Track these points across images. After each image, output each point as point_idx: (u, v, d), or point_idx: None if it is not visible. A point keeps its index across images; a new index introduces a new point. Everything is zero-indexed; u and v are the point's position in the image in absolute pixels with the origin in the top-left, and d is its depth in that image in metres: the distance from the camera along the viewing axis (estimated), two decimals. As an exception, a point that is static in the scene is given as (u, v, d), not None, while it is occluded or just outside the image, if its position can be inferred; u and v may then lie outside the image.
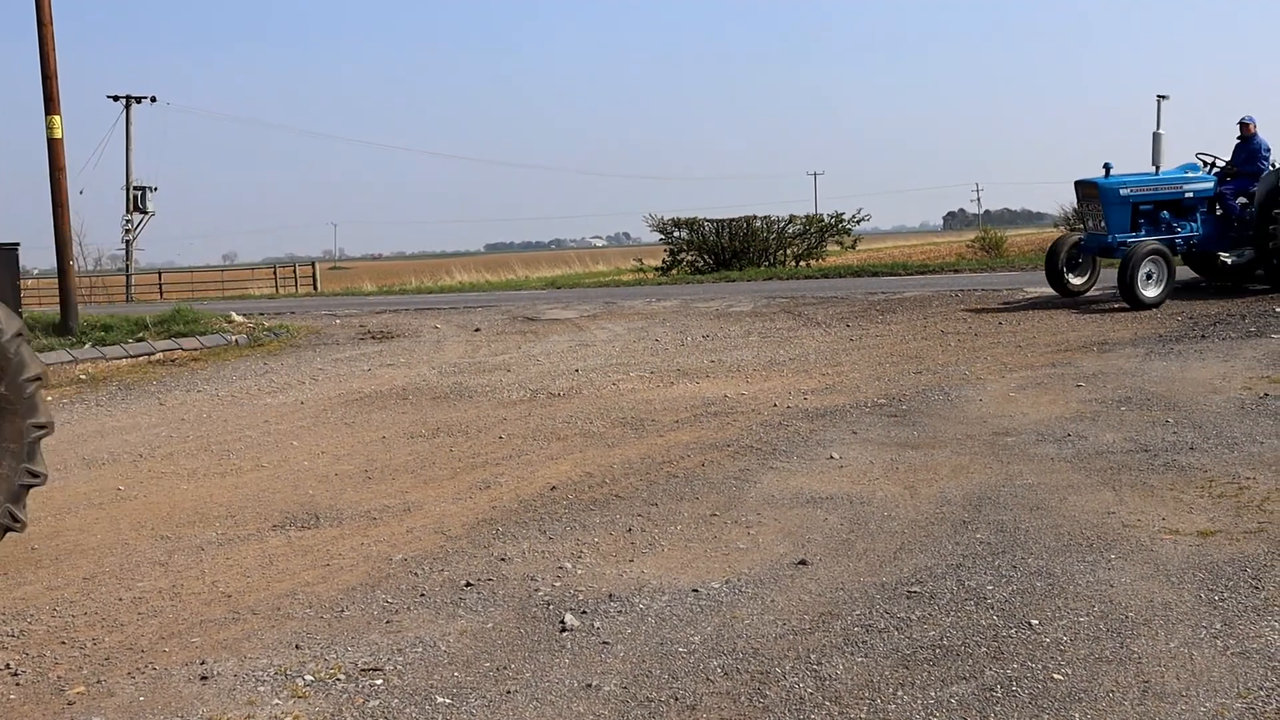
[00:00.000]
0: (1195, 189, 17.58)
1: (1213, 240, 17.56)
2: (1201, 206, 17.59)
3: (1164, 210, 17.43)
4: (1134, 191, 17.34)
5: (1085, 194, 17.95)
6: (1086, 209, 18.31)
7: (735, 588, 5.67)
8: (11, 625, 5.60)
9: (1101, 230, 17.52)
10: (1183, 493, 6.98)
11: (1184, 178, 17.63)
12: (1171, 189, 17.53)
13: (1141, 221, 17.37)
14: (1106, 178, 17.47)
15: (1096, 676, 4.43)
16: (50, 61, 18.30)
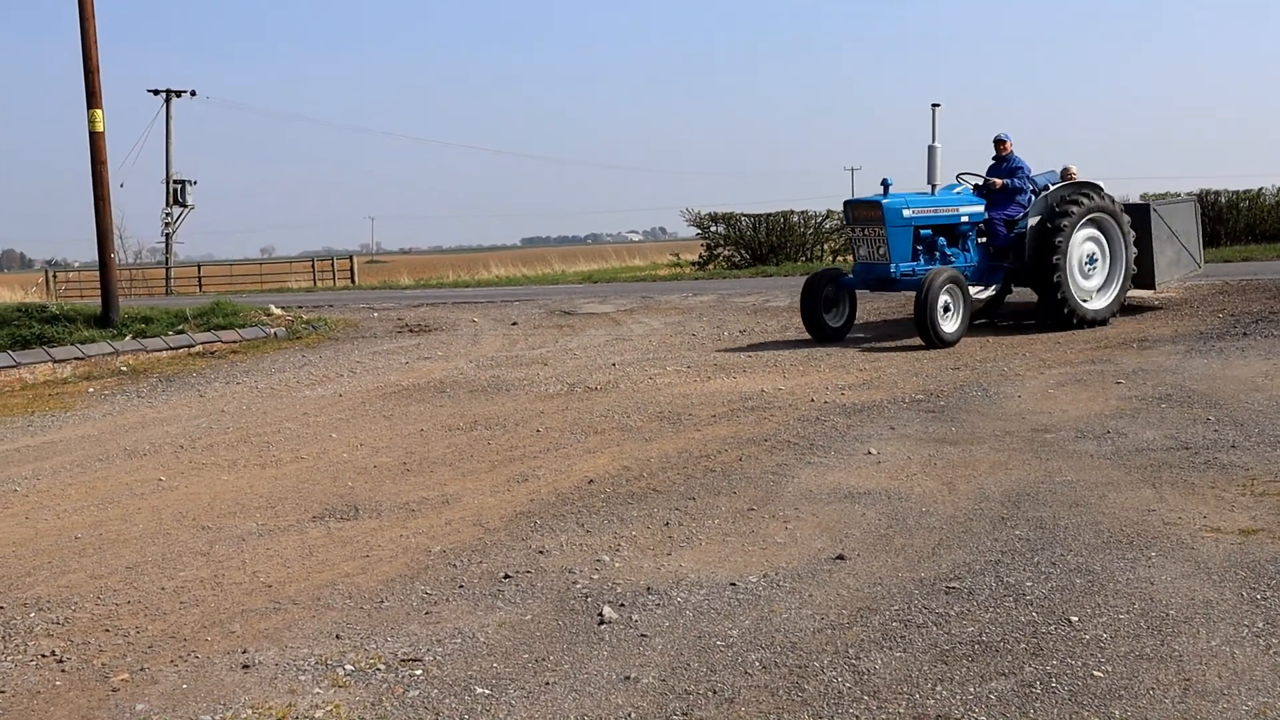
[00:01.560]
0: (970, 213, 15.60)
1: (983, 272, 15.73)
2: (972, 233, 15.73)
3: (941, 236, 15.40)
4: (916, 214, 15.10)
5: (860, 216, 15.28)
6: (860, 234, 15.30)
7: (773, 582, 5.67)
8: (56, 613, 5.67)
9: (880, 259, 15.04)
10: (1224, 491, 6.93)
11: (959, 199, 15.64)
12: (949, 212, 15.47)
13: (919, 249, 15.24)
14: (888, 197, 15.05)
15: (1137, 674, 4.41)
16: (92, 56, 18.44)
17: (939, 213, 15.34)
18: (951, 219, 15.45)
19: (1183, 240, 16.85)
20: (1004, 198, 15.83)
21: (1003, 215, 15.74)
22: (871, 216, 15.07)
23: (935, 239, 15.32)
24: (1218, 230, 30.34)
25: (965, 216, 15.53)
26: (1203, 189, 31.33)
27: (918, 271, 14.92)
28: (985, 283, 15.93)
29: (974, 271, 15.56)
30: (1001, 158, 15.93)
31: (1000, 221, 15.71)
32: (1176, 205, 17.74)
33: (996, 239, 15.75)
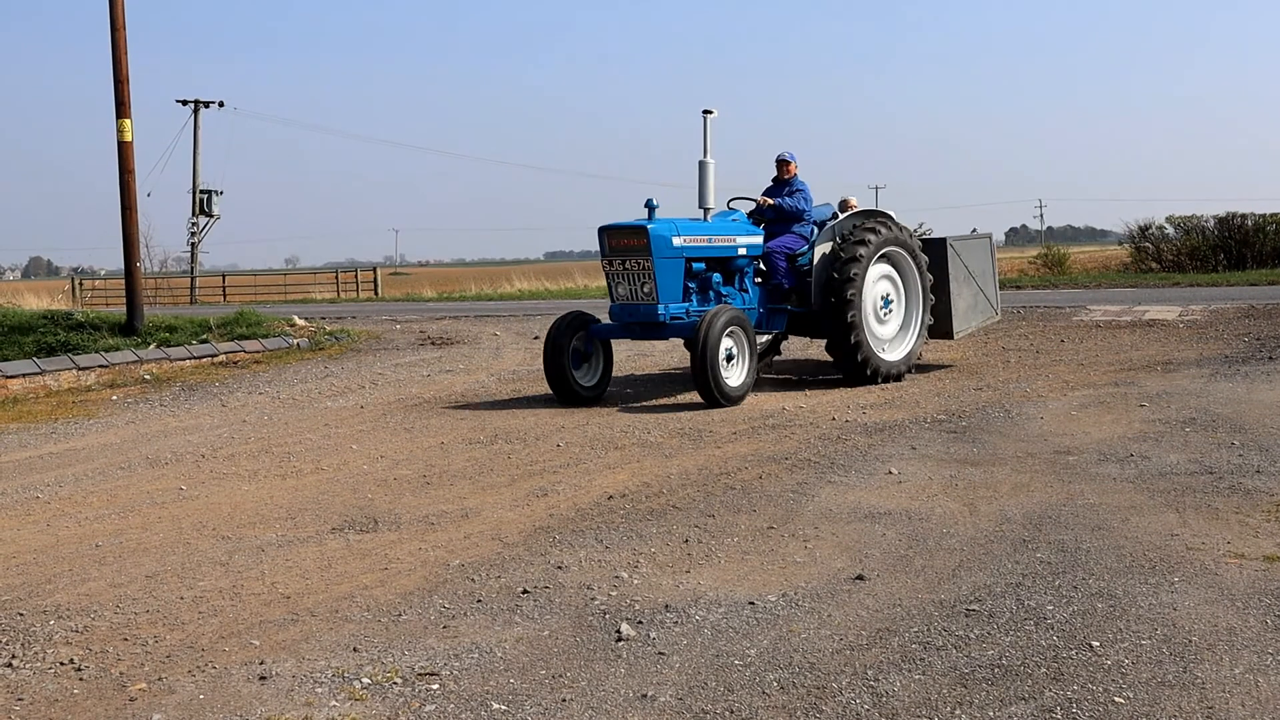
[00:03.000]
0: (749, 245, 13.12)
1: (763, 316, 13.41)
2: (750, 269, 13.34)
3: (716, 272, 12.85)
4: (689, 243, 12.43)
5: (620, 246, 12.35)
6: (619, 268, 12.39)
7: (792, 601, 5.65)
8: (75, 621, 5.68)
9: (646, 298, 12.25)
10: (1248, 516, 6.87)
11: (737, 228, 13.14)
12: (725, 242, 12.87)
13: (691, 287, 12.63)
14: (654, 221, 12.30)
15: (1159, 701, 4.37)
16: (123, 66, 18.57)
17: (714, 243, 12.74)
18: (728, 251, 12.89)
19: (980, 283, 14.98)
20: (782, 226, 13.45)
21: (783, 248, 13.34)
22: (634, 246, 12.21)
23: (710, 275, 12.75)
24: (1244, 253, 30.22)
25: (743, 249, 13.03)
26: (1229, 211, 31.20)
27: (691, 313, 12.36)
28: (766, 329, 13.62)
29: (753, 315, 13.10)
30: (783, 180, 13.57)
31: (781, 255, 13.33)
32: (972, 242, 15.37)
33: (777, 275, 13.34)
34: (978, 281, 14.89)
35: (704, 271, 12.71)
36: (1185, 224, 33.03)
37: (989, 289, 15.18)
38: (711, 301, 12.71)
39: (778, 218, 13.41)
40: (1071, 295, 22.52)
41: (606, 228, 12.52)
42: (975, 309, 14.88)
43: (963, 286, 14.54)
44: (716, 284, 12.85)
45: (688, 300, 12.60)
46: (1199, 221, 32.38)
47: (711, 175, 12.98)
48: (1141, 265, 33.98)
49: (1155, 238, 34.37)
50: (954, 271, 14.33)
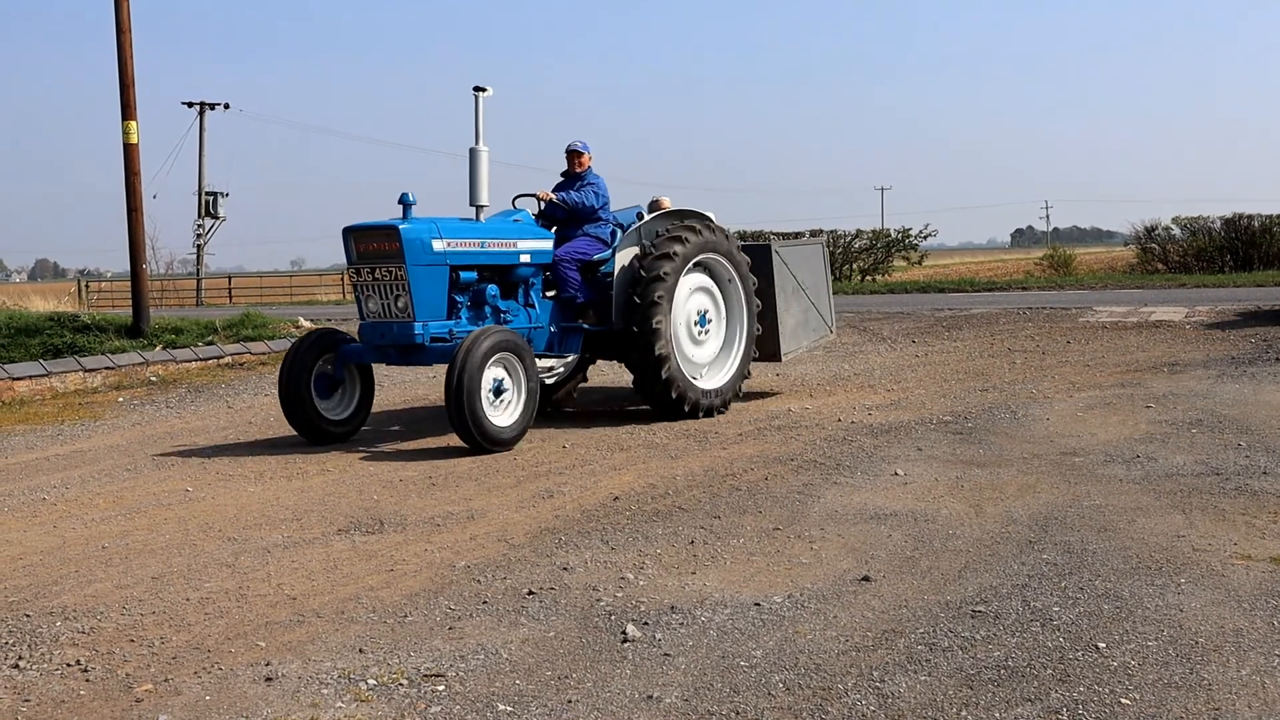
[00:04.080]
0: (534, 250, 11.14)
1: (555, 337, 11.44)
2: (538, 281, 11.37)
3: (492, 284, 10.84)
4: (454, 248, 10.44)
5: (368, 251, 10.42)
6: (369, 278, 10.39)
7: (798, 602, 5.64)
8: (82, 622, 5.68)
9: (401, 314, 10.31)
10: (1255, 518, 6.86)
11: (519, 230, 11.16)
12: (504, 247, 10.90)
13: (462, 301, 10.69)
14: (410, 221, 10.37)
15: (1165, 702, 4.36)
16: (128, 69, 18.58)
17: (489, 248, 10.77)
18: (507, 257, 10.94)
19: (811, 296, 13.22)
20: (574, 228, 11.57)
21: (574, 254, 11.39)
22: (385, 250, 10.30)
23: (484, 287, 10.77)
24: (1250, 254, 30.17)
25: (527, 255, 11.06)
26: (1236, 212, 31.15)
27: (457, 334, 10.42)
28: (559, 352, 11.50)
29: (542, 335, 11.27)
30: (574, 175, 11.77)
31: (572, 264, 11.34)
32: (803, 249, 13.57)
33: (568, 287, 11.35)
34: (809, 294, 13.15)
35: (476, 283, 10.72)
36: (1192, 225, 32.99)
37: (822, 303, 13.47)
38: (487, 319, 10.79)
39: (568, 218, 11.55)
40: (1077, 296, 22.49)
41: (352, 229, 10.52)
42: (806, 326, 13.14)
43: (791, 300, 12.77)
44: (493, 298, 10.83)
45: (454, 318, 10.60)
46: (1205, 222, 32.33)
47: (485, 165, 10.87)
48: (1148, 266, 33.94)
49: (1161, 239, 34.32)
50: (781, 283, 12.53)
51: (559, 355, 11.53)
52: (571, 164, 11.78)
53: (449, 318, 10.56)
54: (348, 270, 10.84)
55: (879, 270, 35.75)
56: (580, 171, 11.72)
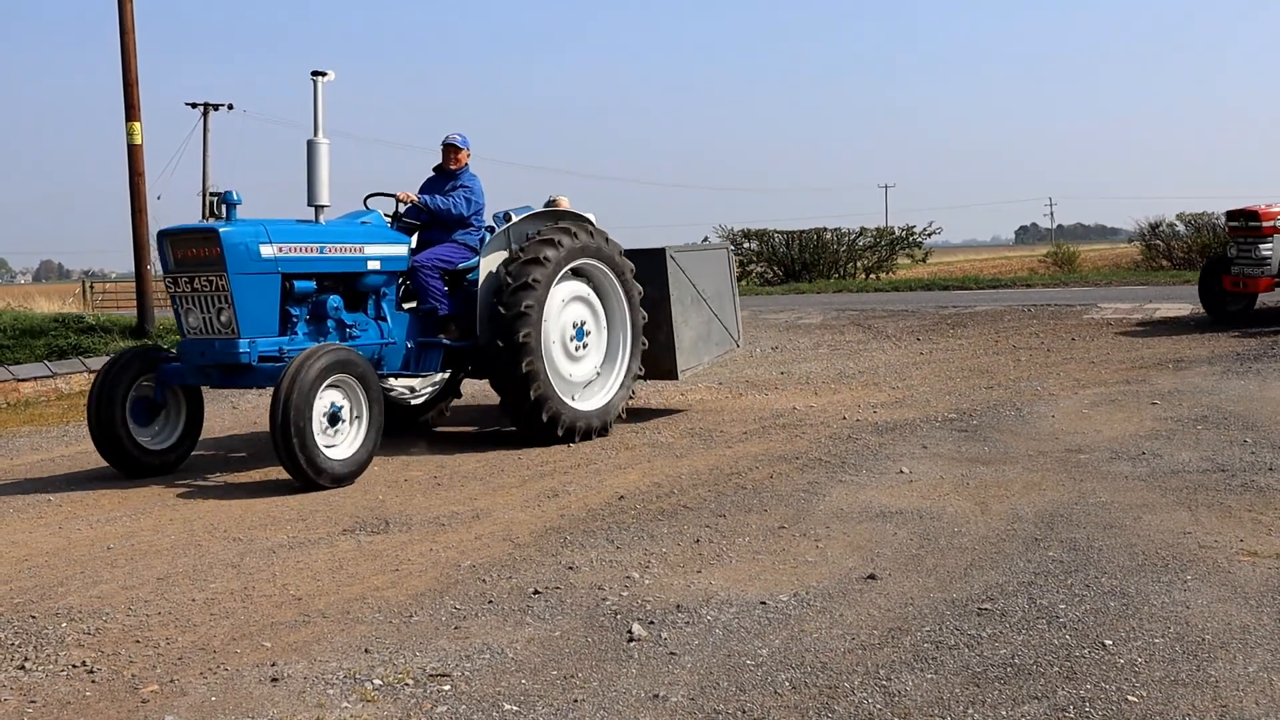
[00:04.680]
0: (386, 257, 9.96)
1: (411, 355, 10.27)
2: (392, 291, 10.20)
3: (334, 294, 9.66)
4: (285, 253, 9.23)
5: (188, 258, 9.24)
6: (189, 289, 9.20)
7: (803, 601, 5.64)
8: (88, 623, 5.68)
9: (224, 330, 9.08)
10: (1261, 514, 6.85)
11: (367, 233, 9.95)
12: (347, 253, 9.69)
13: (297, 315, 9.48)
14: (233, 223, 9.29)
15: (1172, 700, 4.35)
16: (132, 69, 18.61)
17: (330, 253, 9.55)
18: (352, 265, 9.72)
19: (714, 306, 11.97)
20: (440, 233, 10.51)
21: (438, 261, 10.32)
22: (205, 257, 9.11)
23: (325, 298, 9.57)
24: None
25: (377, 262, 9.86)
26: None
27: (288, 352, 9.11)
28: (417, 370, 10.39)
29: (397, 352, 10.12)
30: (448, 172, 10.68)
31: (433, 272, 10.28)
32: (704, 254, 12.37)
33: (429, 297, 10.28)
34: (711, 304, 11.90)
35: (315, 293, 9.53)
36: (1196, 221, 32.92)
37: (727, 314, 12.19)
38: (330, 334, 9.60)
39: (433, 221, 10.49)
40: (1082, 293, 22.45)
41: (166, 232, 9.43)
42: (708, 339, 11.89)
43: (690, 311, 11.58)
44: (336, 311, 9.62)
45: (288, 333, 9.35)
46: (1210, 219, 32.24)
47: (325, 161, 9.61)
48: (1152, 263, 33.87)
49: (1166, 235, 34.26)
50: (678, 292, 11.39)
51: (417, 374, 10.45)
52: (446, 159, 10.68)
53: (281, 334, 9.28)
54: (164, 280, 9.64)
55: (883, 268, 35.74)
56: (455, 169, 10.64)
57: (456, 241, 10.47)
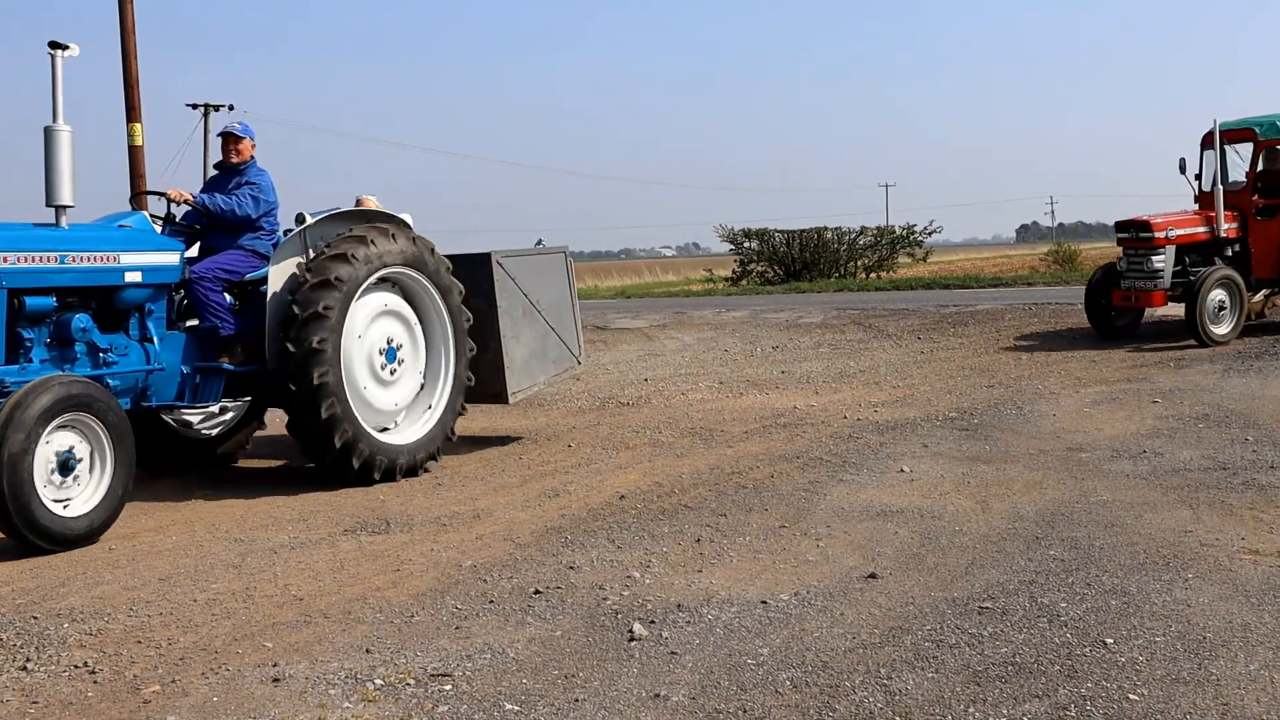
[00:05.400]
0: (150, 266, 8.44)
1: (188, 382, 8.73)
2: (160, 306, 8.62)
3: (81, 314, 8.05)
4: (14, 265, 7.66)
5: None
6: None
7: (804, 600, 5.64)
8: (89, 624, 5.69)
9: None
10: (1263, 512, 6.85)
11: (123, 238, 8.38)
12: (97, 262, 8.12)
13: (32, 339, 7.85)
14: None
15: (1174, 698, 4.35)
16: (132, 70, 18.62)
17: (74, 264, 7.99)
18: (106, 277, 8.18)
19: (550, 318, 10.77)
20: (224, 238, 9.04)
21: (219, 272, 8.83)
22: None
23: (69, 318, 7.97)
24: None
25: (138, 274, 8.33)
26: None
27: (11, 386, 7.40)
28: (195, 400, 8.84)
29: (169, 380, 8.61)
30: (230, 168, 9.29)
31: (214, 285, 8.77)
32: (538, 260, 11.02)
33: (208, 314, 8.72)
34: (547, 317, 10.72)
35: (55, 312, 7.94)
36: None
37: (566, 327, 11.03)
38: (78, 360, 8.02)
39: (214, 225, 9.07)
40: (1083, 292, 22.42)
41: None
42: (544, 357, 10.72)
43: (523, 325, 10.40)
44: (84, 332, 7.99)
45: (19, 360, 7.76)
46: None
47: (66, 152, 7.96)
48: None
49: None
50: (508, 303, 10.18)
51: (195, 407, 8.96)
52: (226, 152, 9.25)
53: (9, 361, 7.68)
54: None
55: (884, 267, 35.75)
56: (238, 163, 9.24)
57: (243, 248, 8.97)
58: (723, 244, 37.08)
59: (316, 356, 8.40)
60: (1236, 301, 14.51)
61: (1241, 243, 15.11)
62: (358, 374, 8.84)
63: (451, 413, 9.60)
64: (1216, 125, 15.08)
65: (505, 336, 10.09)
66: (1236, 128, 15.28)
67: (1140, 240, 14.96)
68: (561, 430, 10.76)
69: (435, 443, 9.40)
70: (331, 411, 8.47)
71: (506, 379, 10.13)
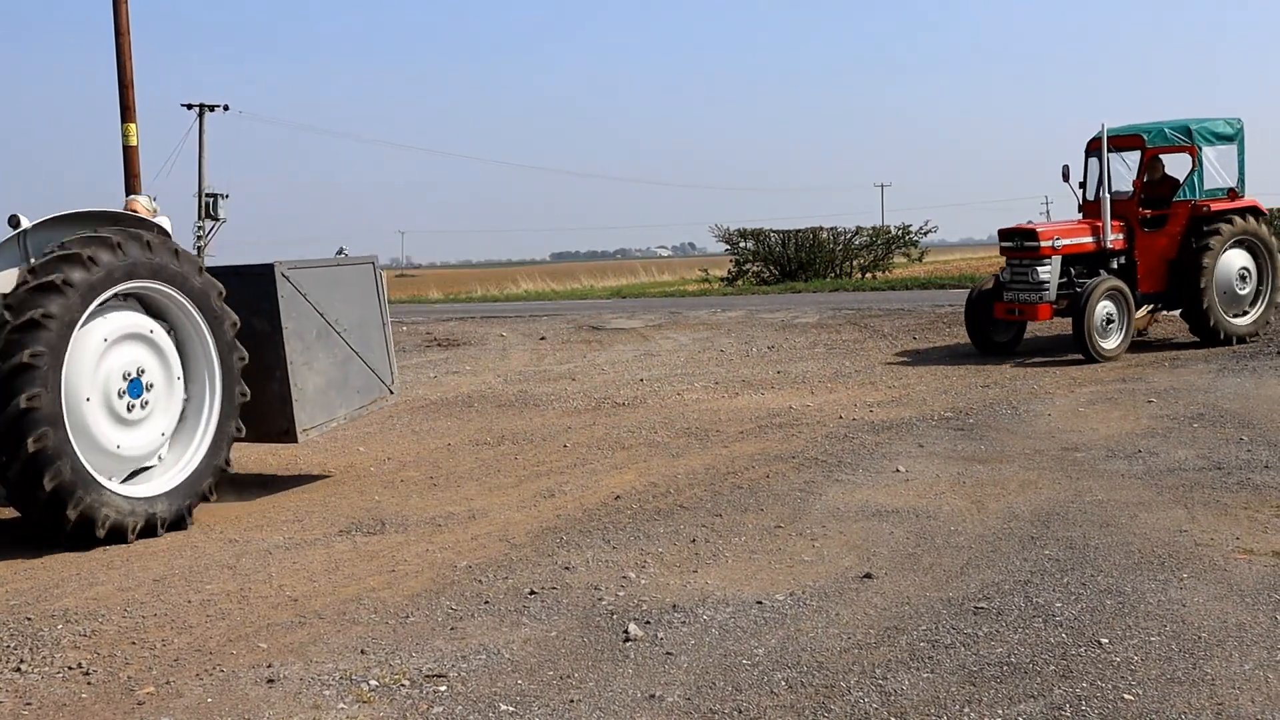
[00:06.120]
0: None
1: None
2: None
3: None
4: None
5: None
6: None
7: (800, 600, 5.64)
8: (84, 625, 5.68)
9: None
10: (1257, 512, 6.85)
11: None
12: None
13: None
14: None
15: (1168, 697, 4.35)
16: (127, 70, 18.60)
17: None
18: None
19: (354, 340, 9.24)
20: None
21: None
22: None
23: None
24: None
25: None
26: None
27: None
28: None
29: None
30: None
31: None
32: (337, 272, 9.37)
33: None
34: (351, 339, 9.19)
35: None
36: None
37: (374, 350, 9.46)
38: None
39: None
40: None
41: None
42: (345, 386, 9.13)
43: (317, 349, 8.87)
44: None
45: None
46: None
47: None
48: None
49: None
50: (296, 324, 8.66)
51: None
52: None
53: None
54: None
55: (879, 267, 35.70)
56: None
57: None
58: (718, 244, 37.03)
59: (26, 375, 6.94)
60: (1124, 314, 13.66)
61: (1128, 255, 14.24)
62: (86, 411, 7.32)
63: (214, 458, 8.07)
64: (1105, 130, 14.14)
65: (294, 363, 8.59)
66: (1124, 134, 14.35)
67: (1025, 250, 14.08)
68: (557, 430, 10.75)
69: (193, 490, 7.87)
70: (41, 445, 6.94)
71: (295, 413, 8.60)
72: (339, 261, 9.64)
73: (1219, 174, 14.29)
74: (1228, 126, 14.36)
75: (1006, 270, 14.38)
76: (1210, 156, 14.20)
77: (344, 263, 9.64)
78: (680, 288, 37.34)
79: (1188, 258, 13.95)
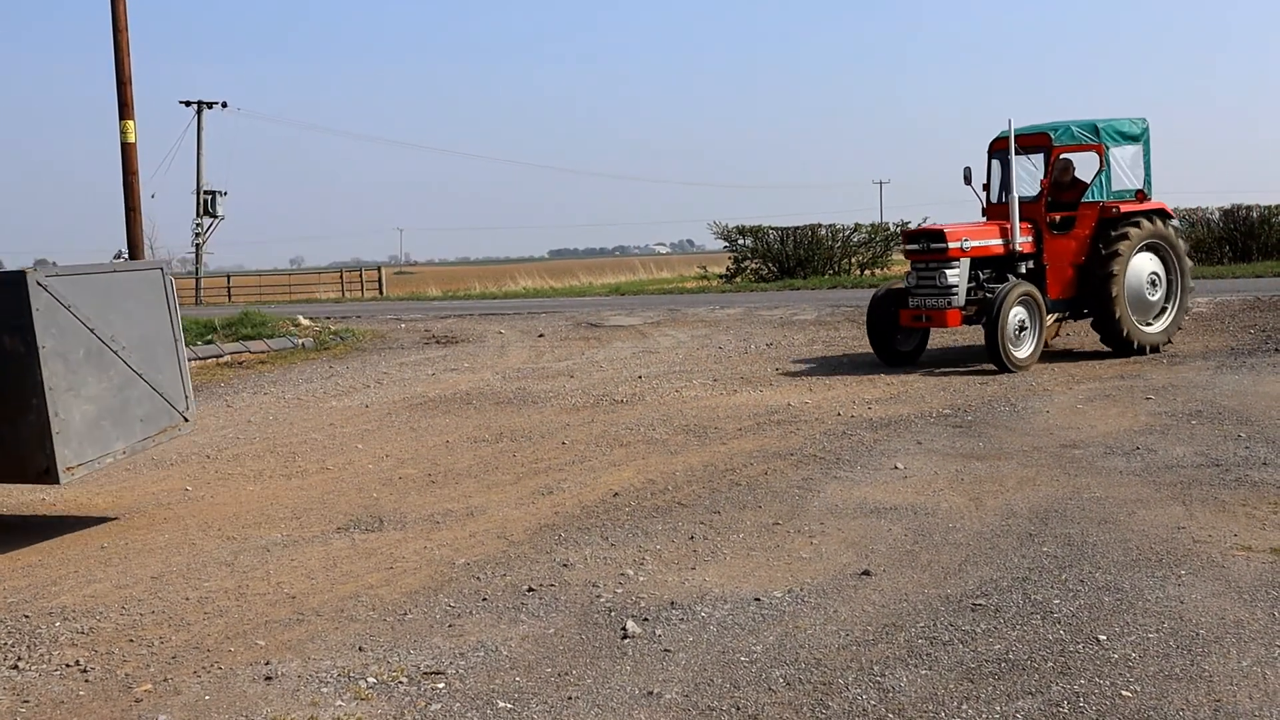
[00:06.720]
0: None
1: None
2: None
3: None
4: None
5: None
6: None
7: (798, 597, 5.64)
8: (81, 623, 5.68)
9: None
10: (1255, 509, 6.85)
11: None
12: None
13: None
14: None
15: (1166, 694, 4.35)
16: (125, 67, 18.58)
17: None
18: None
19: (136, 360, 7.78)
20: None
21: None
22: None
23: None
24: (1249, 245, 30.10)
25: None
26: (1234, 203, 31.01)
27: None
28: None
29: None
30: None
31: None
32: (114, 279, 7.90)
33: None
34: (130, 360, 7.74)
35: None
36: (1190, 216, 32.90)
37: (163, 371, 8.04)
38: None
39: None
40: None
41: None
42: (124, 415, 7.69)
43: (86, 372, 7.40)
44: None
45: None
46: (1204, 214, 32.26)
47: None
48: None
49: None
50: (58, 342, 7.19)
51: None
52: None
53: None
54: None
55: (877, 264, 35.70)
56: None
57: None
58: (717, 241, 37.01)
59: None
60: (1037, 321, 13.13)
61: (1036, 259, 13.70)
62: None
63: None
64: (1011, 128, 13.56)
65: (54, 389, 7.07)
66: (1030, 133, 13.78)
67: (932, 252, 13.32)
68: (555, 428, 10.74)
69: None
70: None
71: (56, 449, 7.07)
72: (116, 268, 8.33)
73: (1126, 175, 13.83)
74: (1134, 126, 13.92)
75: (912, 274, 13.68)
76: (1118, 157, 13.73)
77: (125, 268, 8.42)
78: (679, 285, 37.37)
79: (1097, 262, 13.43)
